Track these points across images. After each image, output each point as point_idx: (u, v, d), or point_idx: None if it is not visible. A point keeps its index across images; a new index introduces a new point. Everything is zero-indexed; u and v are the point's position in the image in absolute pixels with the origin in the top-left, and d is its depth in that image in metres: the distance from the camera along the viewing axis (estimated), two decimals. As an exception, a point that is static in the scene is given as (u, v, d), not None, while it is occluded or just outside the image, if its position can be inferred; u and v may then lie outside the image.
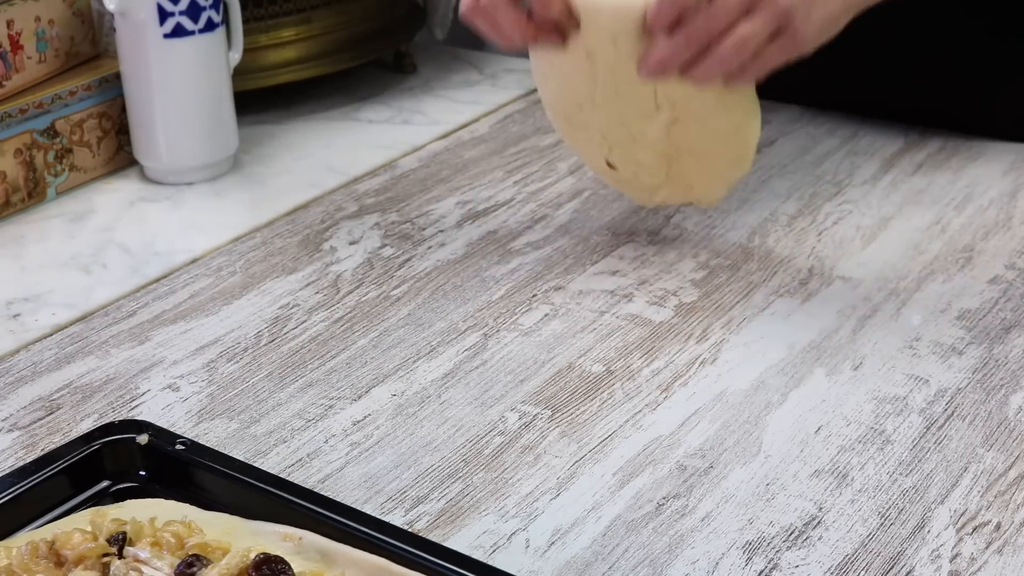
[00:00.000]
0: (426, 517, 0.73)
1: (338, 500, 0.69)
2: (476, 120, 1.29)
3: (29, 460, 0.72)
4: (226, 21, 1.16)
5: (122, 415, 0.83)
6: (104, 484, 0.71)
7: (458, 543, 0.70)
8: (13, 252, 1.05)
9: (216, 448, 0.73)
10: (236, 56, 1.18)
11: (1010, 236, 1.01)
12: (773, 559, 0.69)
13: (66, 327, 0.94)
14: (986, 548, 0.69)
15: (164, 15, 1.10)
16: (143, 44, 1.11)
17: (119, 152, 1.18)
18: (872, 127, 1.20)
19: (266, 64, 1.27)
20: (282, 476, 0.72)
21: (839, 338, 0.89)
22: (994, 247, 0.99)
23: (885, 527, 0.71)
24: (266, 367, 0.88)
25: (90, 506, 0.69)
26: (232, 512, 0.66)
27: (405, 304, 0.95)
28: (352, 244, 1.04)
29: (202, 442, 0.73)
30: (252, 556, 0.60)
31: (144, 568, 0.60)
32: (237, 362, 0.88)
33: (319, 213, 1.10)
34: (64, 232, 1.08)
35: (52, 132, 1.12)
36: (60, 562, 0.61)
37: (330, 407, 0.83)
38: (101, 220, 1.10)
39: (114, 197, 1.14)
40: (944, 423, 0.80)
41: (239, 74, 1.19)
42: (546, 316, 0.93)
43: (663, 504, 0.73)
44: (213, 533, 0.63)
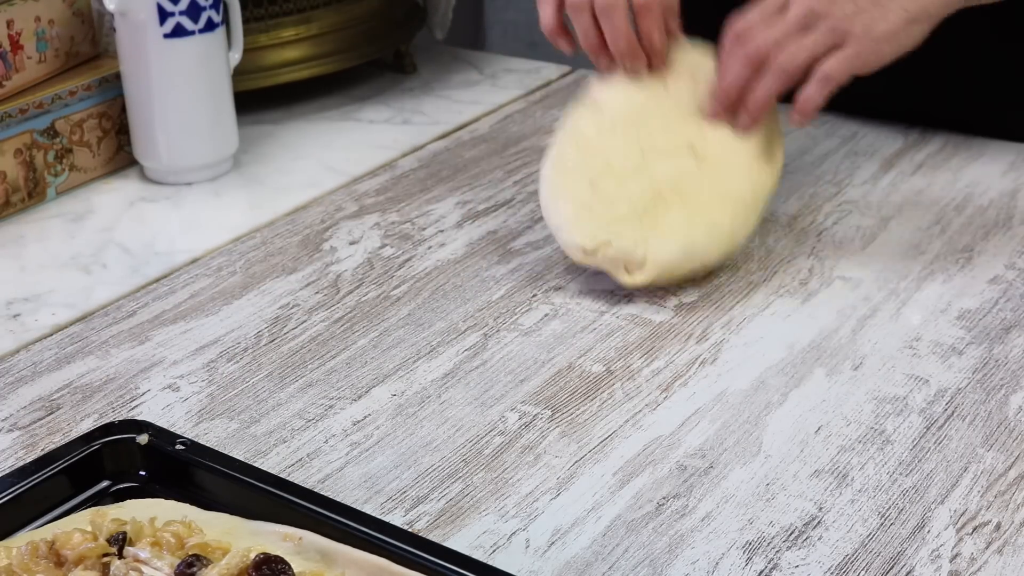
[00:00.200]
0: (426, 517, 0.73)
1: (338, 500, 0.69)
2: (476, 120, 1.29)
3: (29, 460, 0.72)
4: (226, 21, 1.16)
5: (122, 415, 0.83)
6: (104, 484, 0.71)
7: (458, 543, 0.70)
8: (13, 252, 1.05)
9: (216, 448, 0.73)
10: (236, 56, 1.18)
11: (1010, 236, 1.01)
12: (773, 559, 0.69)
13: (66, 327, 0.94)
14: (986, 548, 0.69)
15: (164, 15, 1.10)
16: (143, 44, 1.11)
17: (119, 152, 1.18)
18: (872, 127, 1.20)
19: (266, 64, 1.27)
20: (282, 476, 0.72)
21: (839, 338, 0.89)
22: (994, 247, 0.99)
23: (885, 527, 0.71)
24: (266, 367, 0.88)
25: (90, 506, 0.69)
26: (232, 512, 0.66)
27: (405, 304, 0.95)
28: (352, 244, 1.04)
29: (202, 442, 0.73)
30: (252, 556, 0.60)
31: (144, 568, 0.60)
32: (237, 362, 0.88)
33: (319, 213, 1.10)
34: (64, 232, 1.08)
35: (52, 132, 1.12)
36: (60, 562, 0.61)
37: (330, 407, 0.83)
38: (101, 220, 1.10)
39: (114, 197, 1.14)
40: (944, 423, 0.80)
41: (239, 74, 1.19)
42: (546, 316, 0.93)
43: (663, 504, 0.73)
44: (213, 533, 0.63)
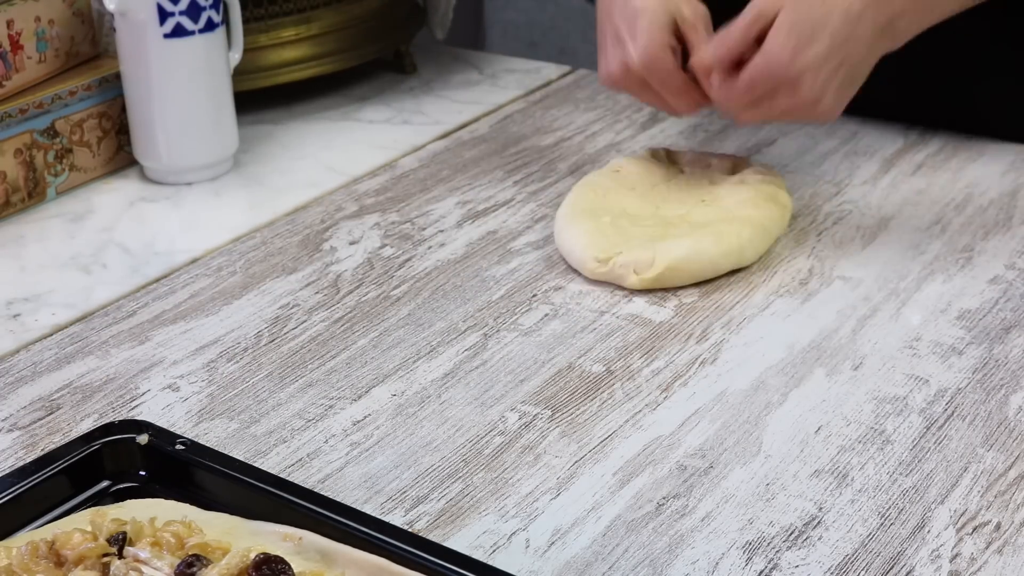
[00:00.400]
0: (426, 517, 0.73)
1: (338, 500, 0.69)
2: (476, 120, 1.29)
3: (29, 460, 0.72)
4: (226, 21, 1.16)
5: (122, 415, 0.83)
6: (104, 484, 0.71)
7: (458, 543, 0.70)
8: (13, 252, 1.05)
9: (216, 448, 0.73)
10: (236, 56, 1.18)
11: (1010, 236, 1.01)
12: (773, 559, 0.69)
13: (66, 327, 0.94)
14: (986, 548, 0.69)
15: (164, 15, 1.09)
16: (143, 44, 1.11)
17: (119, 152, 1.18)
18: (872, 127, 1.20)
19: (266, 64, 1.27)
20: (282, 476, 0.72)
21: (839, 338, 0.89)
22: (994, 247, 0.99)
23: (885, 527, 0.71)
24: (266, 367, 0.88)
25: (90, 506, 0.69)
26: (232, 512, 0.66)
27: (405, 304, 0.95)
28: (352, 244, 1.04)
29: (202, 442, 0.73)
30: (252, 556, 0.60)
31: (144, 568, 0.60)
32: (237, 362, 0.88)
33: (319, 213, 1.10)
34: (64, 232, 1.08)
35: (52, 132, 1.12)
36: (60, 562, 0.61)
37: (330, 407, 0.83)
38: (101, 220, 1.10)
39: (114, 197, 1.14)
40: (944, 423, 0.80)
41: (239, 74, 1.19)
42: (546, 316, 0.93)
43: (663, 504, 0.73)
44: (213, 533, 0.63)
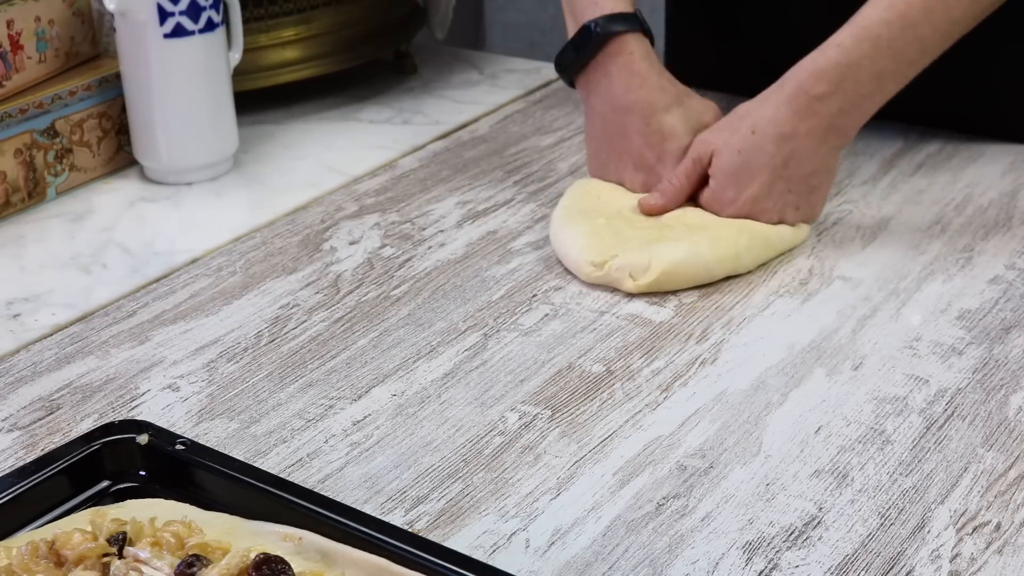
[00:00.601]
0: (426, 517, 0.73)
1: (338, 500, 0.69)
2: (476, 120, 1.29)
3: (29, 460, 0.72)
4: (226, 21, 1.16)
5: (122, 415, 0.83)
6: (104, 484, 0.71)
7: (458, 543, 0.70)
8: (13, 252, 1.05)
9: (216, 448, 0.73)
10: (236, 56, 1.18)
11: (1010, 236, 1.01)
12: (773, 559, 0.69)
13: (66, 327, 0.94)
14: (986, 548, 0.69)
15: (164, 15, 1.10)
16: (143, 44, 1.11)
17: (119, 152, 1.18)
18: (872, 127, 1.19)
19: (266, 64, 1.27)
20: (282, 476, 0.72)
21: (839, 338, 0.89)
22: (994, 247, 0.99)
23: (885, 527, 0.71)
24: (266, 367, 0.88)
25: (90, 506, 0.69)
26: (232, 512, 0.66)
27: (405, 304, 0.95)
28: (352, 244, 1.04)
29: (202, 442, 0.73)
30: (252, 556, 0.60)
31: (144, 568, 0.60)
32: (237, 362, 0.88)
33: (319, 213, 1.10)
34: (64, 232, 1.08)
35: (52, 132, 1.12)
36: (60, 562, 0.61)
37: (330, 407, 0.83)
38: (101, 220, 1.10)
39: (114, 197, 1.14)
40: (944, 423, 0.80)
41: (239, 74, 1.19)
42: (546, 316, 0.93)
43: (663, 504, 0.73)
44: (213, 533, 0.63)
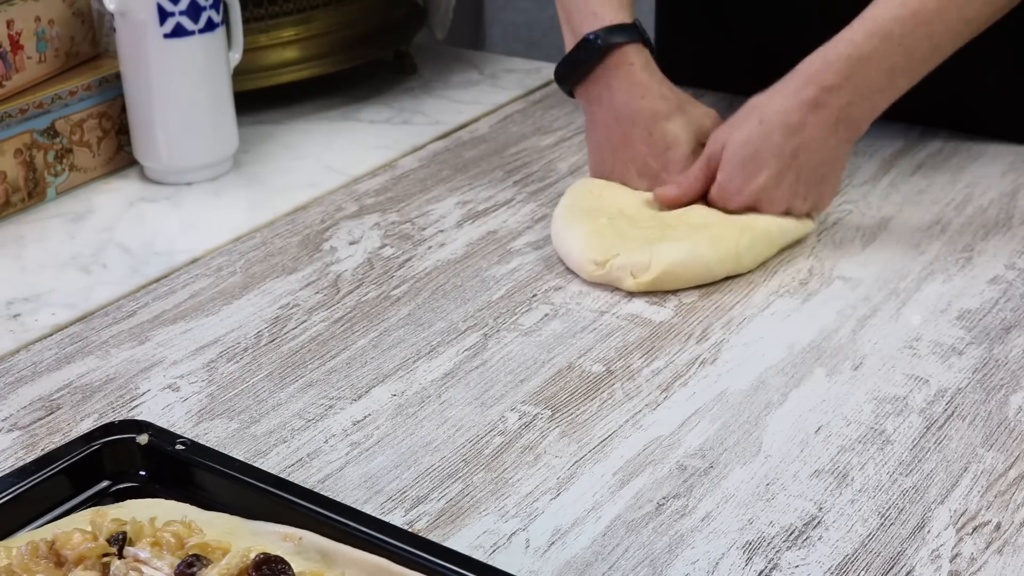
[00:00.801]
0: (426, 517, 0.73)
1: (338, 500, 0.69)
2: (476, 120, 1.29)
3: (29, 460, 0.72)
4: (226, 21, 1.16)
5: (122, 415, 0.83)
6: (104, 484, 0.71)
7: (458, 543, 0.70)
8: (13, 252, 1.05)
9: (216, 448, 0.73)
10: (236, 56, 1.18)
11: (1010, 236, 1.01)
12: (773, 559, 0.69)
13: (66, 327, 0.94)
14: (986, 548, 0.69)
15: (164, 15, 1.10)
16: (143, 44, 1.11)
17: (119, 152, 1.18)
18: (872, 127, 1.19)
19: (266, 64, 1.27)
20: (282, 476, 0.72)
21: (839, 338, 0.89)
22: (994, 247, 0.99)
23: (885, 527, 0.71)
24: (266, 367, 0.88)
25: (90, 506, 0.69)
26: (232, 512, 0.66)
27: (405, 304, 0.95)
28: (352, 244, 1.04)
29: (202, 442, 0.73)
30: (252, 556, 0.60)
31: (144, 568, 0.60)
32: (237, 362, 0.88)
33: (319, 213, 1.10)
34: (64, 232, 1.08)
35: (52, 132, 1.12)
36: (60, 562, 0.61)
37: (330, 407, 0.83)
38: (101, 220, 1.10)
39: (114, 197, 1.14)
40: (944, 423, 0.80)
41: (239, 74, 1.19)
42: (546, 316, 0.93)
43: (663, 504, 0.73)
44: (213, 533, 0.63)
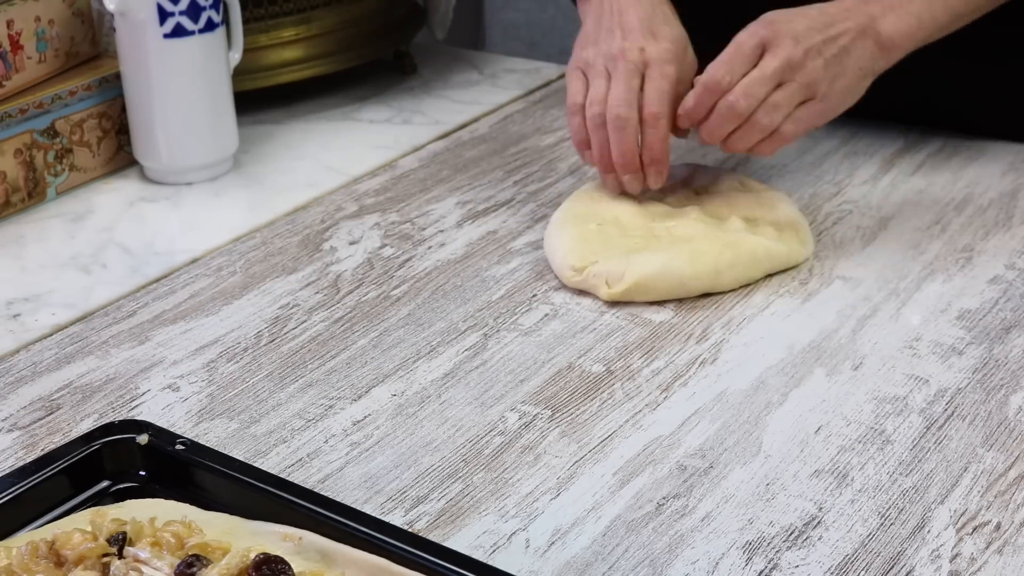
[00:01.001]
0: (426, 517, 0.73)
1: (338, 500, 0.69)
2: (476, 120, 1.29)
3: (29, 460, 0.72)
4: (226, 21, 1.16)
5: (122, 415, 0.83)
6: (104, 484, 0.71)
7: (458, 543, 0.70)
8: (13, 252, 1.05)
9: (216, 448, 0.73)
10: (236, 56, 1.18)
11: (1010, 236, 1.01)
12: (773, 559, 0.69)
13: (66, 327, 0.94)
14: (986, 548, 0.69)
15: (164, 15, 1.10)
16: (143, 44, 1.11)
17: (119, 152, 1.18)
18: (872, 127, 1.20)
19: (266, 64, 1.27)
20: (282, 476, 0.72)
21: (839, 338, 0.89)
22: (994, 247, 0.99)
23: (885, 527, 0.71)
24: (266, 367, 0.88)
25: (90, 506, 0.69)
26: (232, 512, 0.66)
27: (405, 304, 0.95)
28: (352, 244, 1.04)
29: (202, 442, 0.73)
30: (252, 556, 0.60)
31: (144, 568, 0.60)
32: (237, 362, 0.88)
33: (319, 213, 1.10)
34: (64, 232, 1.08)
35: (52, 132, 1.12)
36: (60, 562, 0.61)
37: (330, 407, 0.83)
38: (101, 220, 1.10)
39: (114, 197, 1.14)
40: (944, 423, 0.80)
41: (239, 74, 1.19)
42: (546, 316, 0.93)
43: (663, 504, 0.73)
44: (213, 533, 0.63)
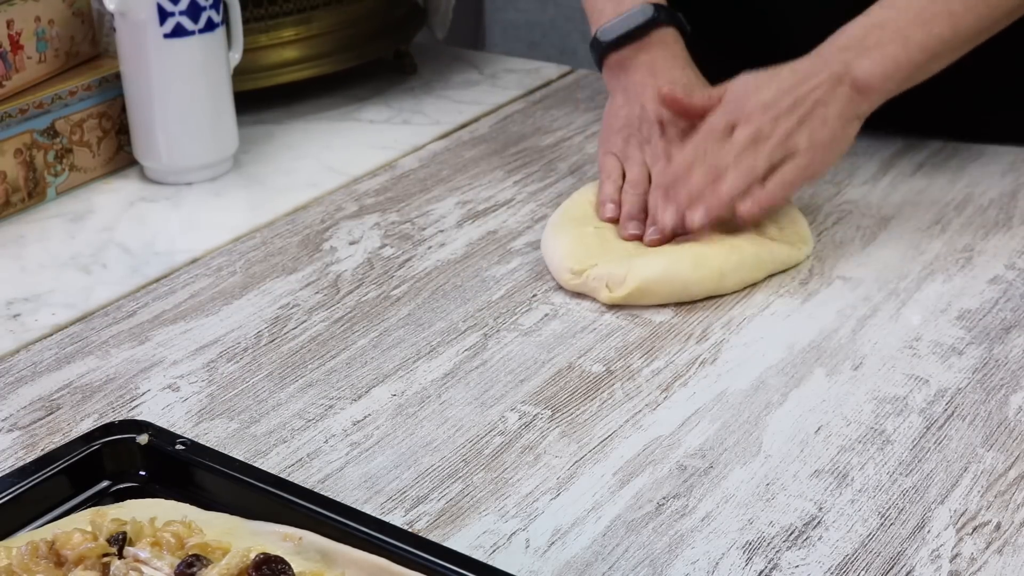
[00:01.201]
0: (426, 517, 0.73)
1: (338, 500, 0.69)
2: (476, 120, 1.29)
3: (29, 460, 0.72)
4: (226, 21, 1.16)
5: (122, 415, 0.83)
6: (104, 484, 0.71)
7: (458, 543, 0.70)
8: (13, 252, 1.05)
9: (216, 448, 0.73)
10: (236, 56, 1.18)
11: (1010, 236, 1.01)
12: (773, 559, 0.69)
13: (66, 327, 0.94)
14: (986, 548, 0.69)
15: (164, 15, 1.10)
16: (143, 44, 1.11)
17: (119, 152, 1.18)
18: (872, 127, 1.19)
19: (266, 64, 1.27)
20: (282, 476, 0.72)
21: (839, 338, 0.89)
22: (994, 247, 0.99)
23: (885, 527, 0.71)
24: (266, 367, 0.88)
25: (90, 506, 0.69)
26: (232, 512, 0.66)
27: (405, 304, 0.95)
28: (352, 244, 1.04)
29: (202, 442, 0.73)
30: (252, 556, 0.60)
31: (144, 568, 0.60)
32: (237, 362, 0.88)
33: (319, 213, 1.10)
34: (64, 232, 1.08)
35: (52, 132, 1.12)
36: (60, 562, 0.61)
37: (330, 407, 0.83)
38: (101, 220, 1.10)
39: (114, 197, 1.14)
40: (944, 423, 0.80)
41: (239, 74, 1.19)
42: (546, 316, 0.93)
43: (663, 504, 0.73)
44: (213, 533, 0.63)
